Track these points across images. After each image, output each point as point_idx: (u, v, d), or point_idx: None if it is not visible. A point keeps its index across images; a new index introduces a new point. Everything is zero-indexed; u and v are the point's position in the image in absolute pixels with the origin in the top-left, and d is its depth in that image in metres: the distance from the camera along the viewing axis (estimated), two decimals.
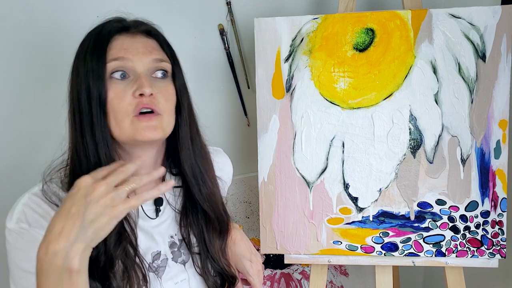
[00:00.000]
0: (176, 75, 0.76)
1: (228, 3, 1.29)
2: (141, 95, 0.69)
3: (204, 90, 1.35)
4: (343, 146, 1.13)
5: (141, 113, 0.69)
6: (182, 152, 0.78)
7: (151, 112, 0.70)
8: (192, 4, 1.27)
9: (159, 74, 0.73)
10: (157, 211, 0.80)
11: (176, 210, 0.82)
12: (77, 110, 0.70)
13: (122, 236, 0.70)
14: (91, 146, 0.69)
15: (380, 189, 1.13)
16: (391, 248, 1.14)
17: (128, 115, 0.69)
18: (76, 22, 1.18)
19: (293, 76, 1.13)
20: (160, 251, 0.78)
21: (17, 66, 1.18)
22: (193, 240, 0.82)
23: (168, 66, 0.74)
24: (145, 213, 0.78)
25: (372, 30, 1.09)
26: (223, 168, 0.94)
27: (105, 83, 0.68)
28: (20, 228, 0.66)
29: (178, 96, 0.76)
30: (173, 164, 0.83)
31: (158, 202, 0.80)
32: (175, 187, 0.83)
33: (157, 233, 0.79)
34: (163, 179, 0.83)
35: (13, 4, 1.15)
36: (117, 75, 0.69)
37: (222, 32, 1.30)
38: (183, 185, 0.83)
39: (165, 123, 0.73)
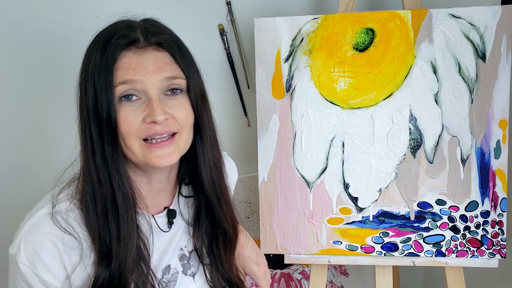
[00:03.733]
0: (191, 88, 0.69)
1: (228, 3, 1.29)
2: (153, 121, 0.64)
3: None
4: (343, 146, 1.13)
5: (154, 139, 0.66)
6: (203, 172, 0.74)
7: (166, 136, 0.67)
8: (192, 4, 1.27)
9: (172, 92, 0.68)
10: (170, 223, 0.77)
11: (189, 223, 0.80)
12: (88, 130, 0.65)
13: (138, 257, 0.69)
14: (103, 171, 0.65)
15: (380, 189, 1.13)
16: (391, 248, 1.14)
17: (138, 140, 0.65)
18: (77, 22, 1.18)
19: (293, 76, 1.13)
20: (170, 265, 0.76)
21: (18, 67, 1.18)
22: (204, 250, 0.81)
23: (181, 82, 0.68)
24: (158, 226, 0.76)
25: (372, 30, 1.09)
26: (230, 174, 0.91)
27: (114, 106, 0.63)
28: (21, 263, 0.64)
29: (195, 111, 0.70)
30: (186, 173, 0.79)
31: (171, 214, 0.77)
32: (188, 197, 0.81)
33: (168, 247, 0.77)
34: (179, 191, 0.81)
35: (14, 5, 1.15)
36: (126, 97, 0.65)
37: (222, 32, 1.30)
38: (195, 196, 0.80)
39: (183, 143, 0.69)
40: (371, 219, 1.14)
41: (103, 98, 0.63)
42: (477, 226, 1.11)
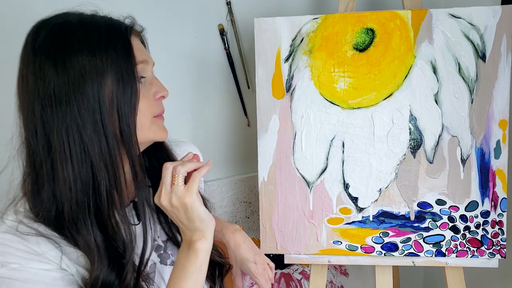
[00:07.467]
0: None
1: (228, 3, 1.29)
2: (162, 96, 0.70)
3: (204, 90, 1.35)
4: (343, 146, 1.13)
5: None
6: (161, 152, 0.79)
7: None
8: (192, 4, 1.27)
9: None
10: (138, 215, 0.76)
11: (154, 209, 0.80)
12: (75, 125, 0.61)
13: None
14: (106, 162, 0.63)
15: (380, 189, 1.13)
16: (391, 248, 1.14)
17: (151, 117, 0.69)
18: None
19: (293, 76, 1.13)
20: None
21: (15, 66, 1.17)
22: (179, 237, 0.80)
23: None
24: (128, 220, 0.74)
25: (372, 30, 1.09)
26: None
27: (137, 85, 0.64)
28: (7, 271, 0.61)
29: None
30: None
31: (137, 206, 0.76)
32: (149, 186, 0.80)
33: (140, 240, 0.75)
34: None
35: (13, 3, 1.14)
36: (142, 77, 0.67)
37: (222, 32, 1.30)
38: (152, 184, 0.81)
39: None
40: (371, 219, 1.14)
41: (126, 77, 0.62)
42: (477, 226, 1.11)
